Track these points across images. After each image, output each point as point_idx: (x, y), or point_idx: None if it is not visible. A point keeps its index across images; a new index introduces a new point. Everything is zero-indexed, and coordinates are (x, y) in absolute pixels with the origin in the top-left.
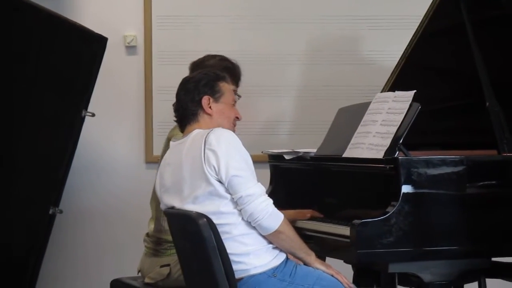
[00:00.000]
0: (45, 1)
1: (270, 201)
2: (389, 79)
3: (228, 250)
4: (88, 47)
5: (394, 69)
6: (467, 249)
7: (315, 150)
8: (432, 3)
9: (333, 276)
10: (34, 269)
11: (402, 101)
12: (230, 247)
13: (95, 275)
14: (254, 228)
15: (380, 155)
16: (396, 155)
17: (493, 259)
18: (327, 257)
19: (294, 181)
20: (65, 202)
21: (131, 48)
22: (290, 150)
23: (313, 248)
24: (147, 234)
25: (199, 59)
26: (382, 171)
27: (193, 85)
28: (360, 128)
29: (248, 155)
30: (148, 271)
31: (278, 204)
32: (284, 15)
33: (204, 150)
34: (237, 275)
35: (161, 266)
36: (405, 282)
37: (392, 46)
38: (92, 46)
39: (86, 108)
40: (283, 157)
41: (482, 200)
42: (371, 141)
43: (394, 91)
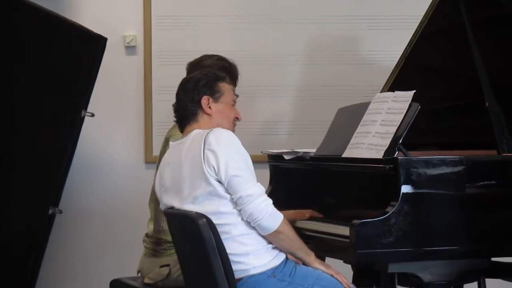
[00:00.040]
0: (45, 1)
1: (270, 201)
2: (389, 79)
3: (228, 250)
4: (88, 47)
5: (394, 69)
6: (467, 249)
7: (315, 150)
8: (432, 3)
9: (333, 276)
10: (34, 269)
11: (402, 101)
12: (230, 247)
13: (95, 275)
14: (254, 228)
15: (380, 155)
16: (396, 155)
17: (493, 259)
18: (327, 257)
19: (294, 181)
20: (65, 202)
21: (131, 48)
22: (290, 150)
23: (313, 248)
24: (146, 235)
25: (196, 59)
26: (382, 171)
27: (193, 85)
28: (360, 128)
29: (248, 155)
30: (148, 272)
31: (278, 204)
32: (284, 15)
33: (204, 150)
34: (237, 275)
35: (161, 266)
36: (405, 282)
37: (392, 46)
38: (92, 46)
39: (86, 108)
40: (283, 157)
41: (482, 200)
42: (371, 141)
43: (394, 91)
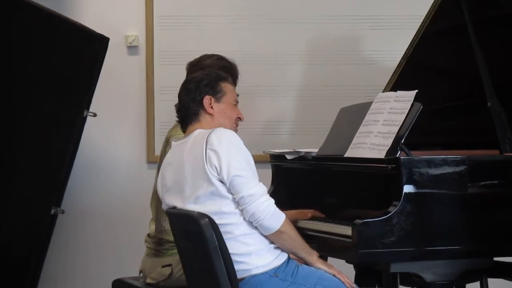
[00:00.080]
0: (46, 1)
1: (272, 201)
2: (391, 79)
3: (230, 250)
4: (90, 47)
5: (396, 69)
6: (469, 249)
7: (317, 150)
8: (434, 3)
9: (335, 276)
10: (36, 269)
11: (404, 101)
12: (232, 247)
13: (97, 275)
14: (256, 228)
15: (382, 155)
16: (398, 155)
17: (495, 259)
18: (329, 257)
19: (296, 181)
20: (67, 202)
21: (133, 48)
22: (292, 150)
23: (315, 248)
24: (148, 235)
25: (196, 59)
26: (384, 171)
27: (195, 85)
28: (362, 128)
29: (250, 155)
30: (150, 272)
31: (280, 204)
32: (285, 15)
33: (206, 150)
34: (239, 275)
35: (163, 266)
36: (407, 282)
37: (393, 46)
38: (94, 46)
39: (88, 108)
40: (285, 157)
41: (484, 200)
42: (373, 141)
43: (396, 91)
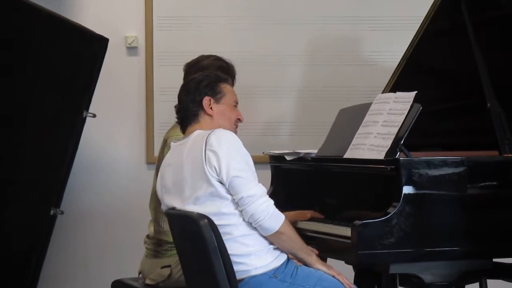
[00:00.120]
0: (46, 2)
1: (271, 202)
2: (390, 80)
3: (229, 251)
4: (89, 48)
5: (395, 70)
6: (468, 250)
7: (316, 151)
8: (433, 4)
9: (334, 277)
10: (35, 270)
11: (403, 102)
12: (231, 248)
13: (96, 276)
14: (255, 229)
15: (381, 156)
16: (397, 156)
17: (495, 260)
18: (328, 258)
19: (295, 182)
20: (66, 203)
21: (132, 49)
22: (291, 151)
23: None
24: (148, 236)
25: (193, 60)
26: (383, 172)
27: (194, 86)
28: (361, 129)
29: (249, 156)
30: (149, 273)
31: (279, 205)
32: (285, 16)
33: (205, 151)
34: (238, 276)
35: (162, 267)
36: (406, 283)
37: (393, 47)
38: (93, 47)
39: (87, 109)
40: (284, 158)
41: (483, 201)
42: (372, 142)
43: (395, 92)
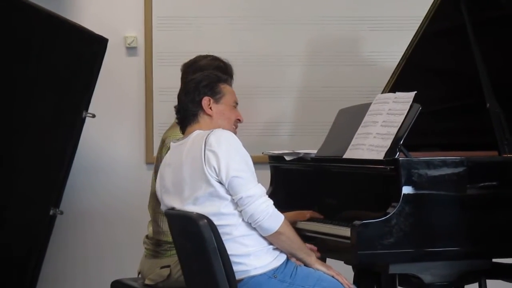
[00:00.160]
0: (46, 2)
1: (271, 202)
2: (390, 80)
3: (229, 251)
4: (89, 48)
5: (395, 70)
6: (468, 250)
7: (316, 151)
8: (433, 4)
9: (334, 277)
10: (35, 270)
11: (403, 102)
12: (231, 248)
13: (95, 276)
14: (255, 229)
15: (381, 156)
16: (397, 156)
17: (494, 260)
18: (328, 258)
19: (295, 182)
20: (66, 203)
21: (132, 49)
22: (291, 151)
23: None
24: (147, 237)
25: (191, 60)
26: (383, 172)
27: (194, 86)
28: (361, 129)
29: (249, 156)
30: (148, 273)
31: (278, 205)
32: (284, 16)
33: (205, 151)
34: (238, 276)
35: (161, 268)
36: (406, 283)
37: (393, 47)
38: (93, 47)
39: (87, 109)
40: (284, 158)
41: (483, 201)
42: (372, 142)
43: (395, 92)
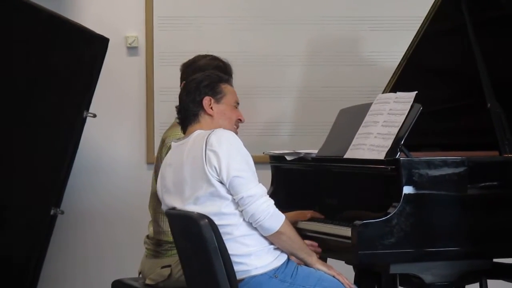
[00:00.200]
0: (46, 2)
1: (271, 202)
2: (390, 80)
3: (229, 251)
4: (90, 48)
5: (395, 70)
6: (469, 250)
7: (316, 151)
8: (434, 4)
9: (335, 277)
10: (35, 270)
11: (404, 102)
12: (231, 248)
13: (96, 276)
14: (256, 229)
15: (382, 156)
16: (398, 156)
17: (495, 260)
18: (328, 258)
19: (295, 182)
20: (66, 203)
21: (133, 49)
22: (292, 151)
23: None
24: (147, 237)
25: (190, 60)
26: (384, 172)
27: (194, 86)
28: (362, 129)
29: (249, 156)
30: (149, 273)
31: (279, 205)
32: (284, 16)
33: (205, 151)
34: (238, 276)
35: (162, 267)
36: (406, 283)
37: (393, 47)
38: (94, 47)
39: (88, 109)
40: (285, 158)
41: (484, 201)
42: (373, 142)
43: (396, 92)
